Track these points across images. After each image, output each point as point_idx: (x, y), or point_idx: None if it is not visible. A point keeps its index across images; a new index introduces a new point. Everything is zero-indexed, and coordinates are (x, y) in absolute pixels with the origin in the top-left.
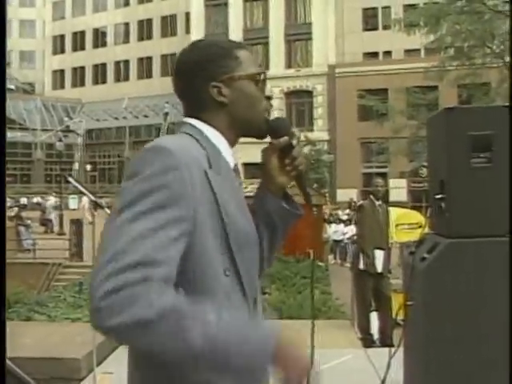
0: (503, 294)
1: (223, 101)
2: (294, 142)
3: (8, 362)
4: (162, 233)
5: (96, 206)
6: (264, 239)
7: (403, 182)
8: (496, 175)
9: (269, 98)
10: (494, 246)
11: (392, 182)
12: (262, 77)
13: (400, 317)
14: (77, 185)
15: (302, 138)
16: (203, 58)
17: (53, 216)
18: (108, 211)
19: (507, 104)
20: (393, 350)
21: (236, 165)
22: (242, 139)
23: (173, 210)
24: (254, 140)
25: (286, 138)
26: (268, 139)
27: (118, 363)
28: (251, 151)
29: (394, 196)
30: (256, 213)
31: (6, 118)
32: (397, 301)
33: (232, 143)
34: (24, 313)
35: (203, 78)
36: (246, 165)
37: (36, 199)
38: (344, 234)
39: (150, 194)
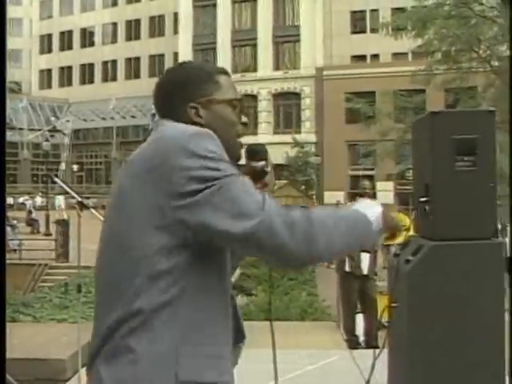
0: (487, 295)
1: (199, 121)
2: (269, 168)
3: None
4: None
5: (82, 206)
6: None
7: (390, 185)
8: (480, 179)
9: (244, 124)
10: (478, 249)
11: (379, 185)
12: (239, 103)
13: (385, 318)
14: (63, 185)
15: (290, 139)
16: (184, 79)
17: (34, 215)
18: (94, 212)
19: (492, 108)
20: (377, 351)
21: None
22: None
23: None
24: None
25: (263, 162)
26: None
27: None
28: None
29: (380, 198)
30: None
31: None
32: (382, 303)
33: None
34: (9, 314)
35: (182, 97)
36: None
37: (22, 199)
38: None
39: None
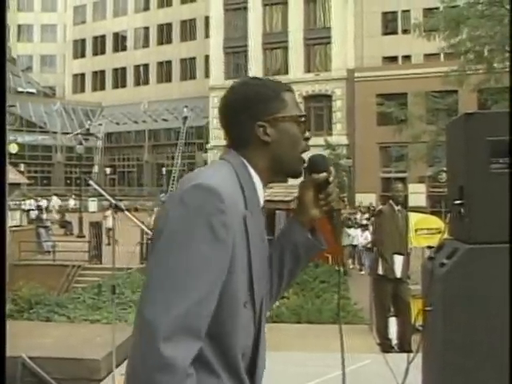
0: None
1: (267, 140)
2: (331, 178)
3: (29, 361)
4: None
5: (116, 208)
6: (286, 267)
7: (422, 187)
8: None
9: (307, 139)
10: None
11: (411, 187)
12: (304, 119)
13: (419, 322)
14: (97, 187)
15: (322, 141)
16: (252, 97)
17: (67, 217)
18: (128, 214)
19: None
20: (411, 355)
21: (263, 205)
22: None
23: (215, 254)
24: None
25: (324, 174)
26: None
27: None
28: None
29: (413, 201)
30: (283, 242)
31: (27, 121)
32: (416, 306)
33: (266, 183)
34: (44, 313)
35: (250, 115)
36: None
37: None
38: (358, 237)
39: (196, 237)
